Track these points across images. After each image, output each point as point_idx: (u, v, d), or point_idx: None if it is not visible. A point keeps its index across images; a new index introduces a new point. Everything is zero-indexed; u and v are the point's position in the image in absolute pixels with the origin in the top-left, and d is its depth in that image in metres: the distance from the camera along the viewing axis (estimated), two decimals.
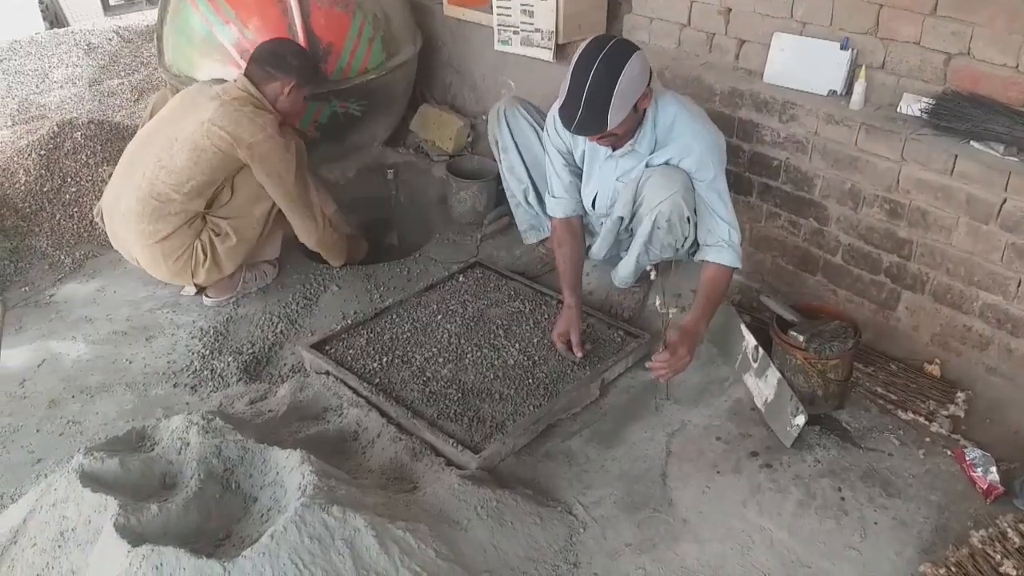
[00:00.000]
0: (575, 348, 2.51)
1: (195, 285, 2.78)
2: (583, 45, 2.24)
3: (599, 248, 2.73)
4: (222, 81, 2.79)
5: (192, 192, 2.61)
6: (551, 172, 2.66)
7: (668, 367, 2.23)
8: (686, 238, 2.49)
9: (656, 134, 2.43)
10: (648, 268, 2.53)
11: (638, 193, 2.46)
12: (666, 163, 2.43)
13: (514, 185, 2.92)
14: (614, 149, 2.47)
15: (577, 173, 2.67)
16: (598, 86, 2.16)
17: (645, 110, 2.37)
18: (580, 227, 2.72)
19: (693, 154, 2.38)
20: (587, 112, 2.19)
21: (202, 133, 2.55)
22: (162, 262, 2.68)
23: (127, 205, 2.64)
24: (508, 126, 2.83)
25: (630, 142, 2.43)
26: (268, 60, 2.70)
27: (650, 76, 2.29)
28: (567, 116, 2.24)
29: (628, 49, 2.21)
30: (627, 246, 2.69)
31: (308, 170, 2.90)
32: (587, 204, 2.70)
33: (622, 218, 2.58)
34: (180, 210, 2.62)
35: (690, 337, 2.30)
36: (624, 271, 2.69)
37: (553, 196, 2.68)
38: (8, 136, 3.76)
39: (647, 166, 2.45)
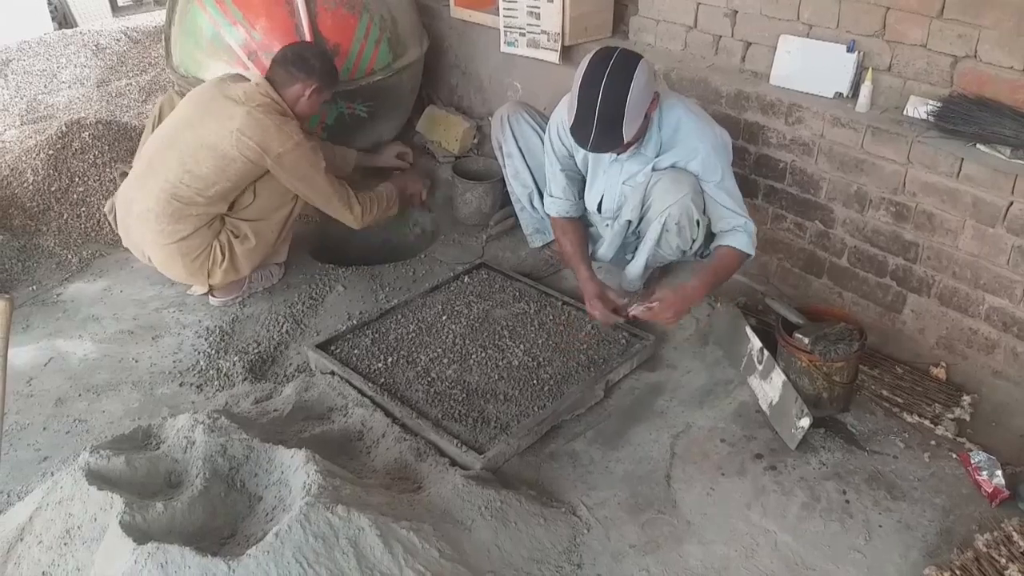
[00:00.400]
0: (619, 309, 2.52)
1: (208, 285, 2.78)
2: (587, 60, 2.24)
3: (606, 251, 2.74)
4: (240, 79, 2.82)
5: (216, 196, 2.64)
6: (550, 173, 2.70)
7: (649, 315, 2.35)
8: (694, 240, 2.50)
9: (661, 137, 2.44)
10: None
11: (647, 197, 2.47)
12: (672, 166, 2.43)
13: (519, 190, 2.93)
14: (619, 153, 2.48)
15: (575, 179, 2.70)
16: (609, 103, 2.17)
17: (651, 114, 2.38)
18: (583, 220, 2.78)
19: (699, 156, 2.39)
20: (601, 130, 2.21)
21: (231, 143, 2.56)
22: (179, 261, 2.68)
23: (145, 204, 2.64)
24: (512, 131, 2.84)
25: (633, 146, 2.44)
26: (292, 62, 2.72)
27: (655, 81, 2.30)
28: (581, 136, 2.25)
29: (633, 60, 2.22)
30: (633, 248, 2.69)
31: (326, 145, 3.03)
32: (591, 207, 2.71)
33: (630, 222, 2.58)
34: (202, 212, 2.65)
35: (681, 297, 2.36)
36: (633, 273, 2.70)
37: (551, 195, 2.72)
38: (16, 136, 3.78)
39: (654, 169, 2.46)
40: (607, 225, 2.71)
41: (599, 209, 2.70)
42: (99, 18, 5.77)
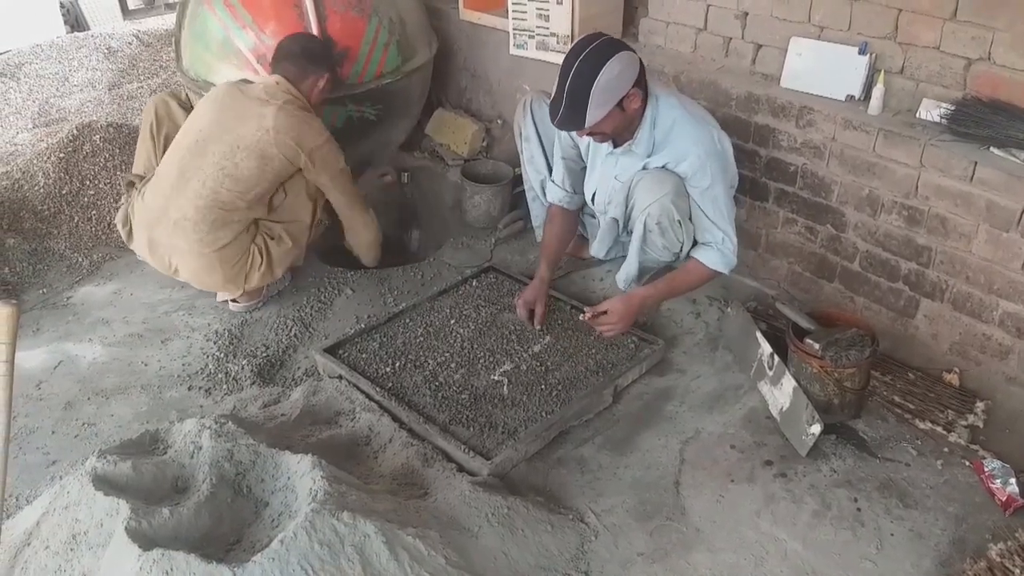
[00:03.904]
0: (536, 320, 2.63)
1: (242, 290, 2.78)
2: (575, 42, 2.31)
3: (598, 247, 2.77)
4: (249, 81, 2.83)
5: (255, 199, 2.65)
6: (556, 157, 2.75)
7: (595, 323, 2.47)
8: (682, 243, 2.49)
9: (655, 136, 2.44)
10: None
11: (630, 196, 2.49)
12: (664, 167, 2.43)
13: (532, 176, 2.93)
14: (615, 146, 2.50)
15: (573, 170, 2.74)
16: (577, 84, 2.23)
17: (642, 111, 2.39)
18: (576, 215, 2.83)
19: (689, 159, 2.38)
20: (567, 108, 2.26)
21: (269, 141, 2.58)
22: (219, 269, 2.68)
23: (182, 214, 2.61)
24: (532, 116, 2.85)
25: (629, 141, 2.44)
26: (301, 55, 2.76)
27: (639, 76, 2.31)
28: (552, 111, 2.32)
29: (612, 49, 2.25)
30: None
31: None
32: (588, 198, 2.74)
33: (617, 220, 2.59)
34: (243, 217, 2.66)
35: (628, 307, 2.46)
36: (625, 273, 2.69)
37: (552, 180, 2.77)
38: (28, 139, 3.80)
39: (644, 168, 2.46)
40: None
41: (593, 201, 2.73)
42: (110, 21, 5.80)
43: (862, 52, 2.54)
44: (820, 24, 2.64)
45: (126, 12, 6.02)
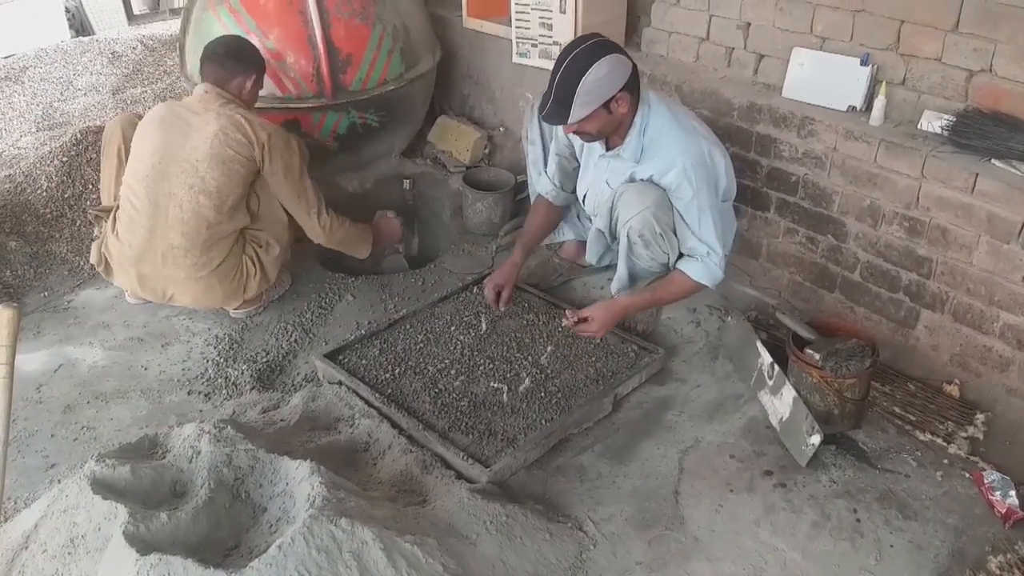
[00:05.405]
0: (502, 302, 2.73)
1: (243, 300, 2.77)
2: (570, 40, 2.35)
3: (590, 254, 2.81)
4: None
5: (232, 209, 2.63)
6: (551, 152, 2.78)
7: (575, 328, 2.50)
8: (668, 255, 2.50)
9: (643, 143, 2.44)
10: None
11: (614, 208, 2.50)
12: (650, 179, 2.44)
13: (535, 179, 2.94)
14: (607, 149, 2.52)
15: (565, 168, 2.77)
16: (564, 80, 2.26)
17: (632, 116, 2.40)
18: (560, 211, 2.89)
19: (674, 170, 2.39)
20: (554, 104, 2.30)
21: (221, 143, 2.56)
22: (218, 288, 2.67)
23: (168, 243, 2.60)
24: (539, 119, 2.85)
25: (618, 146, 2.44)
26: (226, 57, 2.74)
27: (630, 80, 2.32)
28: (542, 104, 2.36)
29: (603, 50, 2.27)
30: None
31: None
32: (579, 198, 2.77)
33: (602, 231, 2.62)
34: (229, 231, 2.65)
35: (610, 314, 2.49)
36: (618, 282, 2.70)
37: (544, 172, 2.80)
38: (32, 142, 3.81)
39: (631, 179, 2.47)
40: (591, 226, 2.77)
41: (584, 201, 2.75)
42: (115, 26, 5.81)
43: (864, 63, 2.55)
44: (822, 35, 2.65)
45: (131, 17, 6.02)
